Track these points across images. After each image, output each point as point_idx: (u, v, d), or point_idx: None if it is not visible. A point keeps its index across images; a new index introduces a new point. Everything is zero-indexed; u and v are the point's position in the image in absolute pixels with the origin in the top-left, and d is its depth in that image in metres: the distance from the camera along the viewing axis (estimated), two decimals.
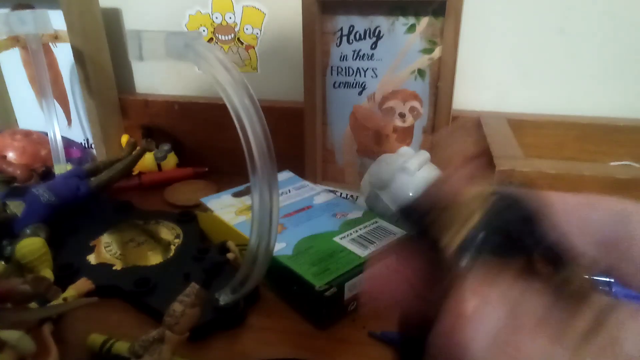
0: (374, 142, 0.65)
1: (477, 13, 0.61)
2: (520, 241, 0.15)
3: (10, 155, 0.64)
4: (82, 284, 0.42)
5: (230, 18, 0.70)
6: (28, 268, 0.43)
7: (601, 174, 0.43)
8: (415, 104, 0.61)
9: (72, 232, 0.53)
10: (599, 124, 0.60)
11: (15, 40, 0.72)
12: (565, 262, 0.14)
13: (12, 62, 0.74)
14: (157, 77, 0.79)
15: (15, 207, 0.51)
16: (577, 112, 0.63)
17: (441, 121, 0.59)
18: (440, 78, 0.58)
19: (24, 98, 0.77)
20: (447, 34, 0.55)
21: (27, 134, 0.67)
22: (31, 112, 0.77)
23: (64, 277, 0.44)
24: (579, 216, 0.15)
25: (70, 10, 0.65)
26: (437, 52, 0.58)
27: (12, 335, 0.30)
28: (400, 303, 0.15)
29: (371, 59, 0.60)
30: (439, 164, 0.52)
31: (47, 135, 0.64)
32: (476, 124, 0.62)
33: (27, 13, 0.60)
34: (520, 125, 0.60)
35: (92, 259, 0.49)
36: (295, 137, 0.65)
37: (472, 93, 0.66)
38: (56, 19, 0.65)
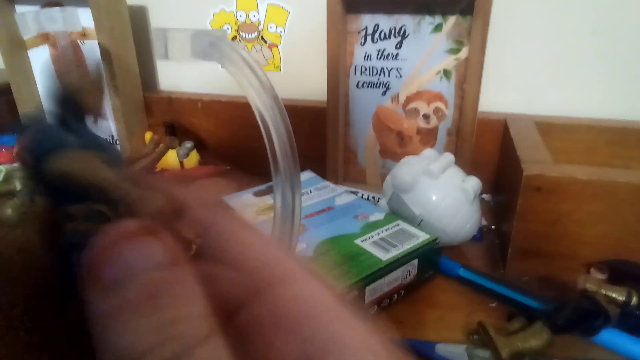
0: (396, 143, 0.64)
1: (506, 13, 0.59)
2: None
3: None
4: None
5: (254, 16, 0.70)
6: None
7: (636, 180, 0.41)
8: (440, 105, 0.60)
9: None
10: (632, 128, 0.58)
11: (45, 38, 0.74)
12: None
13: (42, 59, 0.76)
14: (180, 75, 0.79)
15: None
16: (609, 116, 0.61)
17: (466, 123, 0.58)
18: (467, 79, 0.57)
19: None
20: (474, 34, 0.54)
21: None
22: None
23: None
24: None
25: (98, 9, 0.66)
26: (463, 53, 0.56)
27: None
28: None
29: (396, 58, 0.60)
30: None
31: None
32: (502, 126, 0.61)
33: (56, 11, 0.61)
34: (549, 129, 0.58)
35: None
36: (317, 137, 0.64)
37: (499, 95, 0.64)
38: (84, 17, 0.66)
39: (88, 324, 0.11)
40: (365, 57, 0.60)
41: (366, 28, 0.59)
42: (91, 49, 0.72)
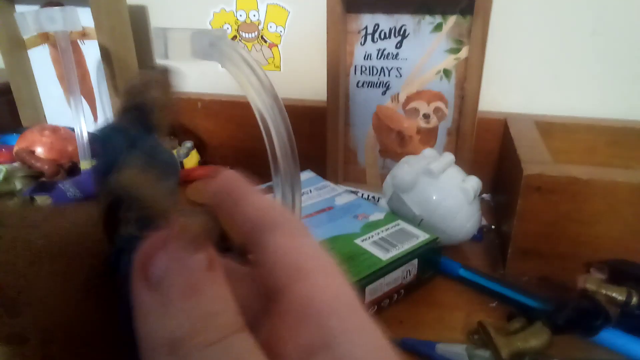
0: (397, 143, 0.64)
1: (507, 12, 0.60)
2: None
3: (39, 150, 0.65)
4: None
5: (254, 16, 0.70)
6: None
7: (636, 180, 0.41)
8: (440, 104, 0.60)
9: None
10: (632, 128, 0.58)
11: (44, 38, 0.74)
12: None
13: (42, 59, 0.76)
14: (180, 75, 0.79)
15: (43, 201, 0.52)
16: (609, 116, 0.61)
17: (466, 123, 0.58)
18: (467, 79, 0.57)
19: (53, 94, 0.78)
20: (474, 33, 0.54)
21: (55, 130, 0.69)
22: (59, 109, 0.79)
23: None
24: None
25: (98, 8, 0.66)
26: (463, 52, 0.56)
27: None
28: None
29: (396, 58, 0.60)
30: None
31: (74, 131, 0.65)
32: (501, 125, 0.61)
33: (56, 11, 0.61)
34: (549, 129, 0.58)
35: None
36: (317, 136, 0.64)
37: (499, 94, 0.64)
38: (84, 17, 0.66)
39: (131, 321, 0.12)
40: (365, 56, 0.60)
41: (366, 28, 0.59)
42: (91, 49, 0.73)
